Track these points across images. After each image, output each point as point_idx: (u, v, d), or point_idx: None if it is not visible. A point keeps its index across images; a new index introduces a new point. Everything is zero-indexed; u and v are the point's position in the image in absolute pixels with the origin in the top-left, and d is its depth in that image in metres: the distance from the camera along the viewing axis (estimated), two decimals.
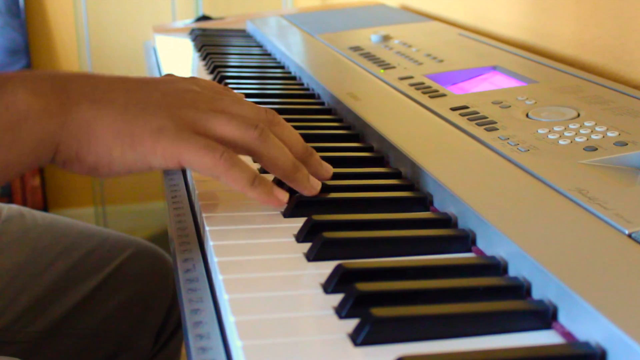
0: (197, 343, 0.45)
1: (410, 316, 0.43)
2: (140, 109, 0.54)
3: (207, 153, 0.53)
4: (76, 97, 0.53)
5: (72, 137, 0.53)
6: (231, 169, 0.53)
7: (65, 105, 0.53)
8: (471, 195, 0.55)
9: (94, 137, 0.53)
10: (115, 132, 0.53)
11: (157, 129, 0.53)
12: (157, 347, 1.00)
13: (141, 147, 0.53)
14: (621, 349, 0.38)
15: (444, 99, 0.79)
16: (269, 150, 0.56)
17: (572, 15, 0.99)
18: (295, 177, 0.57)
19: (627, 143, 0.62)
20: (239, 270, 0.49)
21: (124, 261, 0.98)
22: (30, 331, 0.88)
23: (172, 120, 0.54)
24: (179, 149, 0.53)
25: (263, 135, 0.55)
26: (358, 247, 0.52)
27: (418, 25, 1.22)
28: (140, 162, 0.53)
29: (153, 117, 0.53)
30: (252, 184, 0.54)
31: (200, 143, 0.53)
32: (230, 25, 1.45)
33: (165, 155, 0.53)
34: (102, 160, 0.53)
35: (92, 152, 0.53)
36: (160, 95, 0.56)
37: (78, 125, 0.53)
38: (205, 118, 0.55)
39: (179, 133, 0.53)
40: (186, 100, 0.56)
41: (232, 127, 0.55)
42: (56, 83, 0.54)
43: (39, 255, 0.93)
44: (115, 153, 0.53)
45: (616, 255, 0.46)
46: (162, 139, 0.53)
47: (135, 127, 0.53)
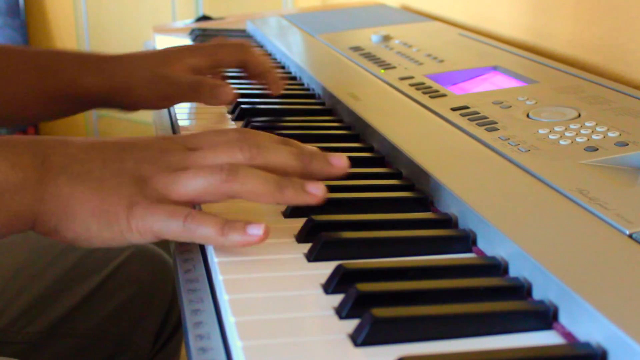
0: (198, 343, 0.45)
1: (410, 316, 0.43)
2: (114, 183, 0.53)
3: (172, 220, 0.52)
4: (54, 170, 0.53)
5: (50, 213, 0.53)
6: (197, 230, 0.52)
7: (43, 178, 0.52)
8: (472, 196, 0.55)
9: (71, 214, 0.52)
10: (92, 211, 0.52)
11: (129, 205, 0.52)
12: (156, 348, 1.00)
13: (117, 225, 0.52)
14: (622, 350, 0.38)
15: (445, 99, 0.79)
16: (242, 186, 0.53)
17: (573, 15, 0.99)
18: (286, 197, 0.54)
19: (628, 143, 0.62)
20: (239, 271, 0.49)
21: (124, 261, 0.97)
22: (29, 331, 0.88)
23: (143, 193, 0.53)
24: (149, 223, 0.52)
25: (230, 174, 0.53)
26: (358, 248, 0.52)
27: (418, 25, 1.22)
28: (117, 239, 0.53)
29: (126, 193, 0.53)
30: (223, 234, 0.51)
31: (165, 211, 0.52)
32: (230, 25, 1.45)
33: (139, 231, 0.52)
34: (81, 237, 0.53)
35: (70, 228, 0.53)
36: (134, 164, 0.54)
37: (55, 201, 0.52)
38: (175, 180, 0.53)
39: (148, 207, 0.52)
40: (159, 165, 0.55)
41: (197, 181, 0.53)
42: (37, 154, 0.53)
43: (38, 255, 0.93)
44: (93, 231, 0.53)
45: (617, 255, 0.46)
46: (135, 215, 0.52)
47: (110, 205, 0.52)
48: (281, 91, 0.87)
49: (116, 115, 2.50)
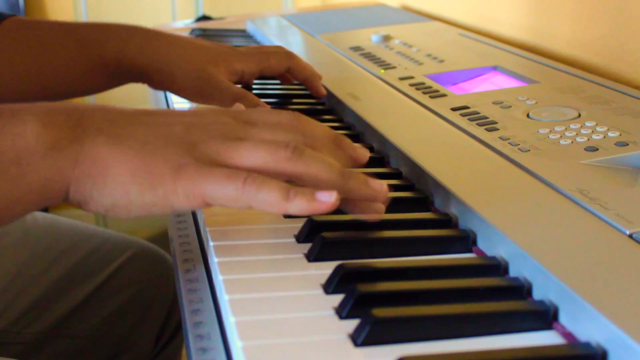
0: (198, 343, 0.45)
1: (411, 316, 0.43)
2: (159, 145, 0.49)
3: (229, 182, 0.48)
4: (92, 131, 0.49)
5: (86, 176, 0.48)
6: (259, 192, 0.47)
7: (79, 139, 0.48)
8: (472, 196, 0.55)
9: (110, 177, 0.48)
10: (133, 172, 0.48)
11: (176, 167, 0.48)
12: (157, 348, 1.00)
13: (161, 188, 0.48)
14: (622, 350, 0.38)
15: (445, 99, 0.79)
16: (307, 167, 0.50)
17: (573, 15, 0.99)
18: (349, 187, 0.51)
19: (628, 143, 0.62)
20: (239, 271, 0.49)
21: (125, 262, 0.98)
22: (30, 332, 0.88)
23: (193, 156, 0.49)
24: (201, 186, 0.48)
25: (296, 153, 0.50)
26: (358, 248, 0.52)
27: (418, 25, 1.22)
28: (160, 204, 0.48)
29: (172, 154, 0.49)
30: (288, 199, 0.48)
31: (222, 173, 0.48)
32: (230, 25, 1.45)
33: (187, 195, 0.48)
34: (120, 202, 0.49)
35: (107, 193, 0.48)
36: (183, 128, 0.51)
37: (92, 162, 0.48)
38: (230, 148, 0.50)
39: (200, 169, 0.48)
40: (211, 132, 0.51)
41: (260, 153, 0.50)
42: (71, 116, 0.50)
43: (39, 256, 0.93)
44: (133, 195, 0.48)
45: (617, 255, 0.46)
46: (183, 177, 0.48)
47: (154, 166, 0.48)
48: (325, 94, 0.88)
49: None
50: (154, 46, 0.80)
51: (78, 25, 0.84)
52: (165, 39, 0.82)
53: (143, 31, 0.82)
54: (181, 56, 0.80)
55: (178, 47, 0.81)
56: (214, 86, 0.79)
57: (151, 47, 0.80)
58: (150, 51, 0.80)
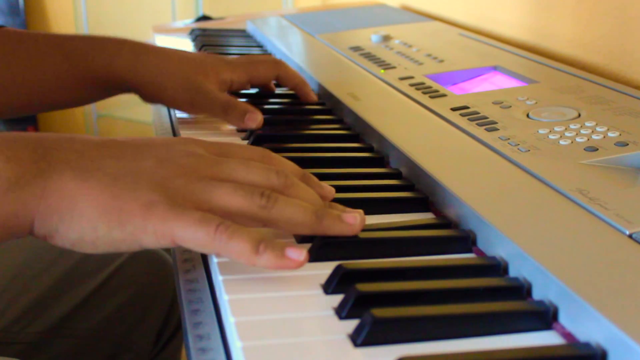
0: (197, 344, 0.45)
1: (410, 317, 0.43)
2: (130, 181, 0.48)
3: (200, 227, 0.46)
4: (58, 165, 0.48)
5: (52, 211, 0.47)
6: (229, 242, 0.47)
7: (44, 173, 0.47)
8: (472, 196, 0.55)
9: (77, 212, 0.47)
10: (102, 208, 0.47)
11: (147, 204, 0.47)
12: (157, 348, 1.00)
13: (130, 225, 0.47)
14: (622, 350, 0.38)
15: (445, 99, 0.79)
16: (281, 214, 0.49)
17: (574, 15, 0.99)
18: (324, 226, 0.50)
19: (628, 143, 0.62)
20: (238, 271, 0.49)
21: (124, 262, 0.97)
22: (30, 332, 0.88)
23: (165, 194, 0.48)
24: (170, 226, 0.47)
25: (270, 200, 0.49)
26: (358, 248, 0.52)
27: (418, 25, 1.22)
28: (129, 241, 0.47)
29: (144, 191, 0.47)
30: (257, 252, 0.47)
31: (194, 217, 0.47)
32: (230, 25, 1.45)
33: (156, 233, 0.47)
34: (86, 237, 0.48)
35: (74, 228, 0.47)
36: (155, 163, 0.50)
37: (59, 197, 0.47)
38: (206, 189, 0.49)
39: (172, 208, 0.47)
40: (184, 168, 0.50)
41: (236, 198, 0.49)
42: (36, 149, 0.48)
43: (38, 256, 0.93)
44: (101, 231, 0.47)
45: (617, 255, 0.46)
46: (153, 215, 0.47)
47: (124, 203, 0.47)
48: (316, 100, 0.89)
49: (116, 115, 2.50)
50: (142, 60, 0.81)
51: (66, 37, 0.84)
52: (154, 52, 0.83)
53: (132, 45, 0.82)
54: (170, 69, 0.81)
55: (167, 60, 0.82)
56: (203, 96, 0.80)
57: (140, 61, 0.81)
58: (139, 65, 0.81)
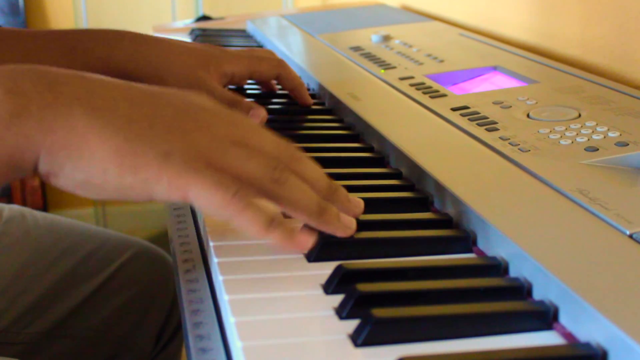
0: (198, 344, 0.45)
1: (411, 317, 0.43)
2: (146, 126, 0.46)
3: (218, 190, 0.45)
4: (67, 99, 0.45)
5: (59, 147, 0.44)
6: (244, 210, 0.46)
7: (51, 106, 0.44)
8: (472, 196, 0.55)
9: (87, 150, 0.44)
10: (114, 149, 0.44)
11: (164, 154, 0.45)
12: (157, 348, 1.00)
13: (144, 172, 0.45)
14: (622, 350, 0.38)
15: (445, 99, 0.79)
16: (289, 193, 0.49)
17: (574, 15, 0.99)
18: (322, 220, 0.50)
19: (629, 143, 0.62)
20: (239, 271, 0.49)
21: (125, 262, 0.98)
22: (30, 332, 0.88)
23: (183, 145, 0.46)
24: (187, 181, 0.45)
25: (282, 177, 0.48)
26: (358, 248, 0.52)
27: (418, 25, 1.22)
28: (139, 189, 0.45)
29: (161, 139, 0.45)
30: (269, 227, 0.47)
31: (213, 178, 0.45)
32: (230, 25, 1.45)
33: (170, 185, 0.45)
34: (94, 180, 0.45)
35: (82, 168, 0.44)
36: (172, 111, 0.48)
37: (67, 133, 0.44)
38: (222, 150, 0.47)
39: (190, 163, 0.45)
40: (201, 122, 0.48)
41: (250, 165, 0.47)
42: (40, 80, 0.45)
43: (40, 256, 0.93)
44: (111, 174, 0.45)
45: (617, 256, 0.46)
46: (170, 166, 0.45)
47: (139, 147, 0.45)
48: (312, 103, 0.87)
49: None
50: (143, 51, 0.78)
51: (65, 31, 0.81)
52: (155, 43, 0.79)
53: (132, 36, 0.79)
54: (172, 61, 0.78)
55: (168, 52, 0.79)
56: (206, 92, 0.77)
57: (140, 52, 0.78)
58: (139, 57, 0.77)
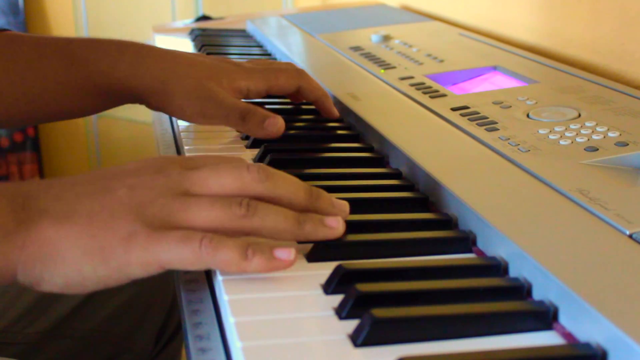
0: (197, 344, 0.45)
1: (410, 317, 0.43)
2: (106, 216, 0.48)
3: (184, 246, 0.46)
4: (36, 214, 0.48)
5: (34, 259, 0.47)
6: (217, 254, 0.46)
7: (24, 223, 0.47)
8: (472, 196, 0.55)
9: (60, 257, 0.47)
10: (82, 249, 0.47)
11: (126, 237, 0.47)
12: (157, 348, 1.00)
13: (114, 260, 0.47)
14: (622, 350, 0.38)
15: (445, 99, 0.79)
16: (263, 223, 0.49)
17: (574, 15, 0.99)
18: (306, 233, 0.50)
19: (628, 143, 0.62)
20: None
21: None
22: (30, 332, 0.88)
23: (142, 222, 0.47)
24: (154, 252, 0.46)
25: (250, 209, 0.48)
26: (358, 248, 0.52)
27: (418, 25, 1.22)
28: (115, 276, 0.47)
29: (121, 224, 0.47)
30: (247, 259, 0.47)
31: (175, 236, 0.47)
32: (230, 25, 1.45)
33: (142, 264, 0.47)
34: (73, 280, 0.48)
35: (59, 273, 0.47)
36: (127, 191, 0.49)
37: (39, 245, 0.47)
38: (181, 209, 0.48)
39: (151, 235, 0.47)
40: (156, 190, 0.49)
41: (214, 212, 0.48)
42: (15, 199, 0.49)
43: None
44: (86, 272, 0.47)
45: (617, 255, 0.46)
46: (134, 246, 0.47)
47: (103, 240, 0.47)
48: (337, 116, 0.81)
49: (116, 115, 2.50)
50: (147, 64, 0.74)
51: (68, 40, 0.77)
52: (160, 56, 0.75)
53: (136, 47, 0.76)
54: (178, 74, 0.73)
55: (175, 64, 0.74)
56: (217, 104, 0.72)
57: (144, 65, 0.74)
58: (143, 70, 0.74)
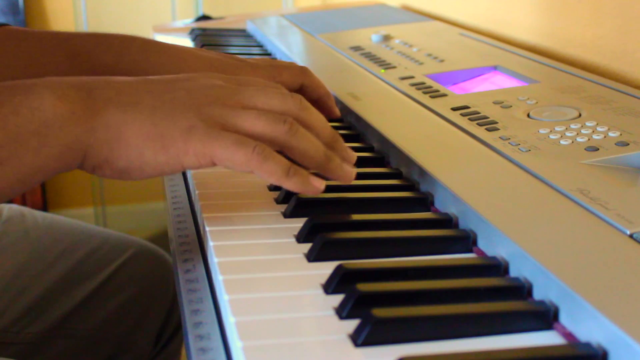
0: (198, 344, 0.45)
1: (411, 317, 0.43)
2: (167, 110, 0.53)
3: (239, 148, 0.52)
4: (102, 102, 0.53)
5: (102, 142, 0.52)
6: (265, 162, 0.52)
7: (91, 109, 0.52)
8: (472, 196, 0.55)
9: (124, 141, 0.52)
10: (145, 135, 0.52)
11: (186, 129, 0.53)
12: (157, 348, 1.00)
13: (173, 148, 0.53)
14: (622, 350, 0.38)
15: (445, 99, 0.79)
16: (298, 144, 0.55)
17: (575, 15, 0.99)
18: (328, 167, 0.57)
19: (629, 143, 0.62)
20: (239, 271, 0.49)
21: (125, 262, 0.97)
22: (30, 332, 0.88)
23: (200, 118, 0.53)
24: (211, 147, 0.52)
25: (292, 129, 0.55)
26: (359, 248, 0.52)
27: (419, 25, 1.22)
28: (172, 163, 0.53)
29: (181, 118, 0.53)
30: (288, 175, 0.53)
31: (231, 139, 0.53)
32: (230, 25, 1.45)
33: (197, 154, 0.53)
34: (134, 164, 0.53)
35: (122, 156, 0.53)
36: (185, 93, 0.55)
37: (106, 129, 0.52)
38: (233, 114, 0.55)
39: (209, 131, 0.53)
40: (212, 97, 0.55)
41: (261, 123, 0.55)
42: (82, 88, 0.53)
43: (39, 255, 0.93)
44: (147, 156, 0.53)
45: (617, 255, 0.46)
46: (193, 138, 0.52)
47: (165, 129, 0.53)
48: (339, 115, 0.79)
49: None
50: (151, 60, 0.74)
51: (72, 35, 0.77)
52: (165, 50, 0.76)
53: (141, 42, 0.76)
54: (182, 69, 0.74)
55: (179, 60, 0.75)
56: None
57: (149, 61, 0.74)
58: (147, 65, 0.74)
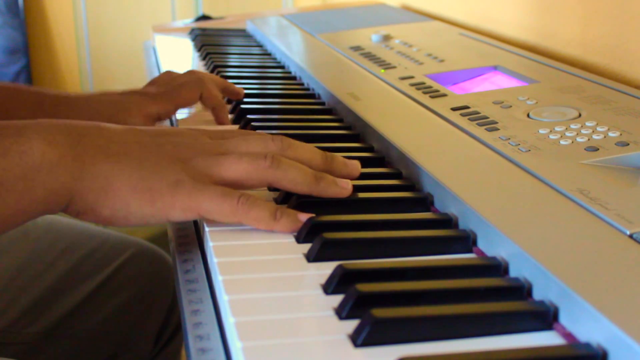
0: (197, 344, 0.45)
1: (411, 317, 0.43)
2: (154, 163, 0.54)
3: (224, 200, 0.53)
4: (92, 150, 0.54)
5: (88, 190, 0.53)
6: (251, 210, 0.54)
7: (80, 157, 0.53)
8: (472, 196, 0.55)
9: (112, 192, 0.53)
10: (133, 188, 0.53)
11: (173, 183, 0.53)
12: (157, 349, 1.00)
13: (160, 202, 0.53)
14: (622, 350, 0.38)
15: (445, 99, 0.79)
16: (285, 174, 0.56)
17: (574, 15, 0.99)
18: (320, 188, 0.57)
19: (629, 143, 0.62)
20: (238, 271, 0.49)
21: (124, 262, 0.97)
22: (30, 332, 0.88)
23: (186, 172, 0.54)
24: (197, 201, 0.53)
25: (274, 162, 0.56)
26: (358, 248, 0.52)
27: (419, 25, 1.22)
28: (158, 215, 0.54)
29: (169, 171, 0.54)
30: (275, 219, 0.54)
31: (217, 191, 0.54)
32: (230, 25, 1.45)
33: (184, 208, 0.53)
34: (119, 214, 0.54)
35: (108, 205, 0.53)
36: (172, 147, 0.56)
37: (94, 179, 0.53)
38: (216, 163, 0.56)
39: (196, 185, 0.54)
40: (196, 149, 0.57)
41: (243, 165, 0.56)
42: (71, 134, 0.54)
43: (39, 255, 0.93)
44: (133, 207, 0.53)
45: (617, 255, 0.46)
46: (180, 192, 0.53)
47: (153, 182, 0.53)
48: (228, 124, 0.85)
49: None
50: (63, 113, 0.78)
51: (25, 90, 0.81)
52: (74, 102, 0.80)
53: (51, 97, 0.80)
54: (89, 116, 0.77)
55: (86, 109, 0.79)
56: None
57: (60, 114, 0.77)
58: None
